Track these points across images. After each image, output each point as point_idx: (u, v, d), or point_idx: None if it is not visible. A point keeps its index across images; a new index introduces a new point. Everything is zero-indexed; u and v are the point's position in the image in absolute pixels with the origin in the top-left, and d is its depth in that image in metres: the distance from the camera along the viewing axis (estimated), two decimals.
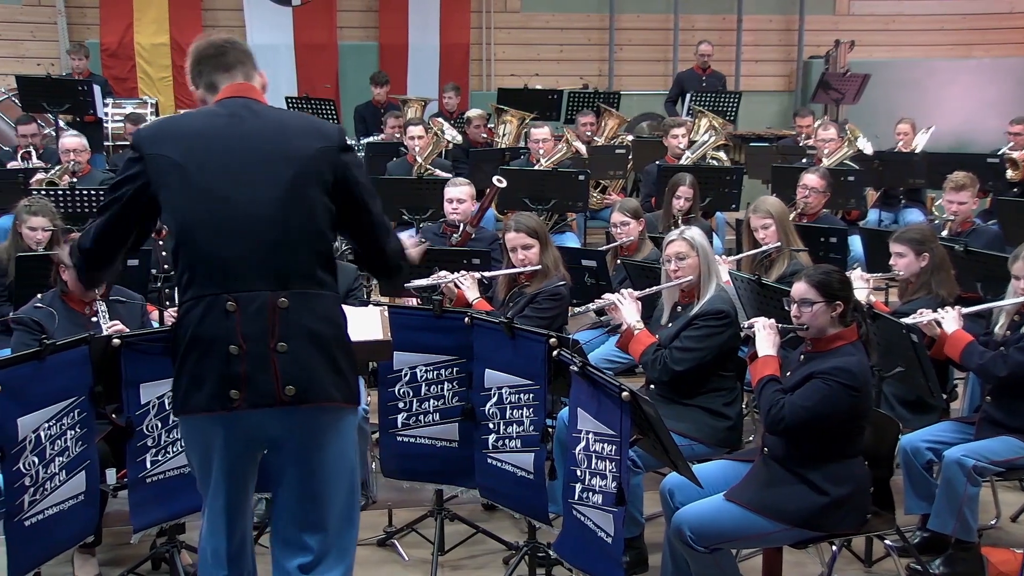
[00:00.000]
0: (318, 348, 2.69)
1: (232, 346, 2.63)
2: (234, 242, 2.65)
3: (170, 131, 2.74)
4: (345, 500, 2.85)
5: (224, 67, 2.79)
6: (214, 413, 2.66)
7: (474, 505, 4.50)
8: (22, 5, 11.34)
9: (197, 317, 2.66)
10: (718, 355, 4.12)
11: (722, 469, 3.78)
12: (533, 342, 3.63)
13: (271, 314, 2.64)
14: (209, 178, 2.65)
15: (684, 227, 4.49)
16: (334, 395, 2.72)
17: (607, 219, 6.95)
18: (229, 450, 2.73)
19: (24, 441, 3.31)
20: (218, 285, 2.65)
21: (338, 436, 2.79)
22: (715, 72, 11.14)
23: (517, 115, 9.57)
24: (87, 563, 3.98)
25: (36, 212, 5.46)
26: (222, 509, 2.81)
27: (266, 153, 2.69)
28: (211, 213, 2.65)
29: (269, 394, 2.64)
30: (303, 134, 2.74)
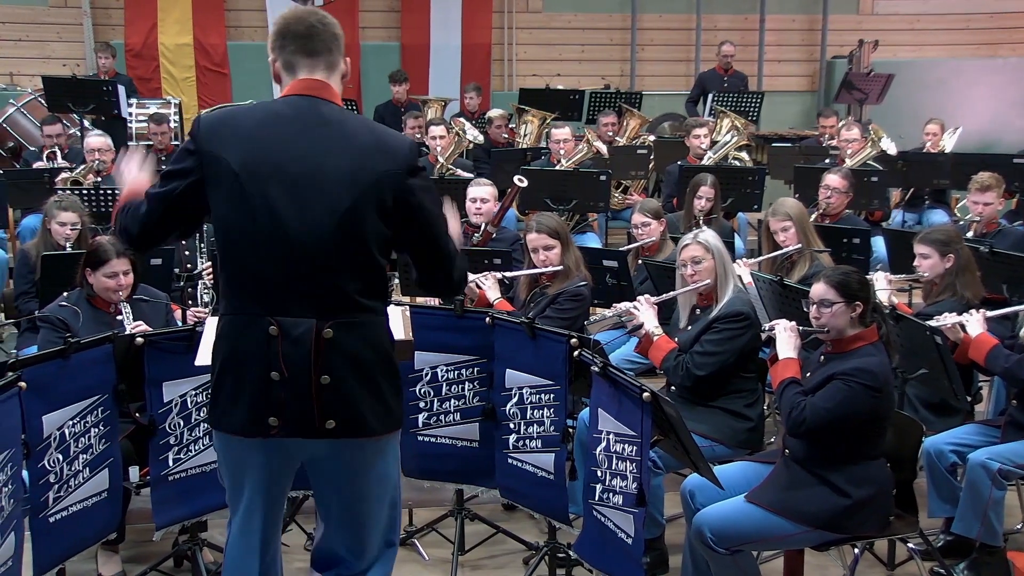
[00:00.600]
0: (361, 379, 2.58)
1: (274, 372, 2.52)
2: (281, 263, 2.52)
3: (232, 128, 2.56)
4: (388, 517, 2.80)
5: (308, 51, 2.60)
6: (251, 438, 2.59)
7: (494, 505, 4.50)
8: (48, 7, 11.44)
9: (238, 334, 2.57)
10: (739, 357, 4.11)
11: (743, 470, 3.77)
12: (554, 342, 3.63)
13: (315, 344, 2.52)
14: (263, 191, 2.50)
15: (697, 230, 4.47)
16: (376, 428, 2.62)
17: (628, 219, 6.93)
18: (266, 474, 2.66)
19: (49, 438, 3.34)
20: (260, 305, 2.54)
21: (380, 461, 2.71)
22: (737, 72, 11.11)
23: (539, 115, 9.56)
24: (110, 560, 4.01)
25: (66, 208, 5.53)
26: (258, 529, 2.73)
27: (326, 173, 2.51)
28: (260, 228, 2.51)
29: (309, 425, 2.56)
30: (369, 154, 2.55)
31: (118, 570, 4.02)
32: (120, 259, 4.26)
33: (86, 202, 6.34)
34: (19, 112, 9.39)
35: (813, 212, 6.17)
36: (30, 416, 3.24)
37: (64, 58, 11.35)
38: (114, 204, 6.61)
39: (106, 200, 6.69)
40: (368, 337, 2.60)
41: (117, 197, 6.69)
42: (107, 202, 6.69)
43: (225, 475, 2.74)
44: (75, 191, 6.45)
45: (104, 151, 7.38)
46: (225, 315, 2.61)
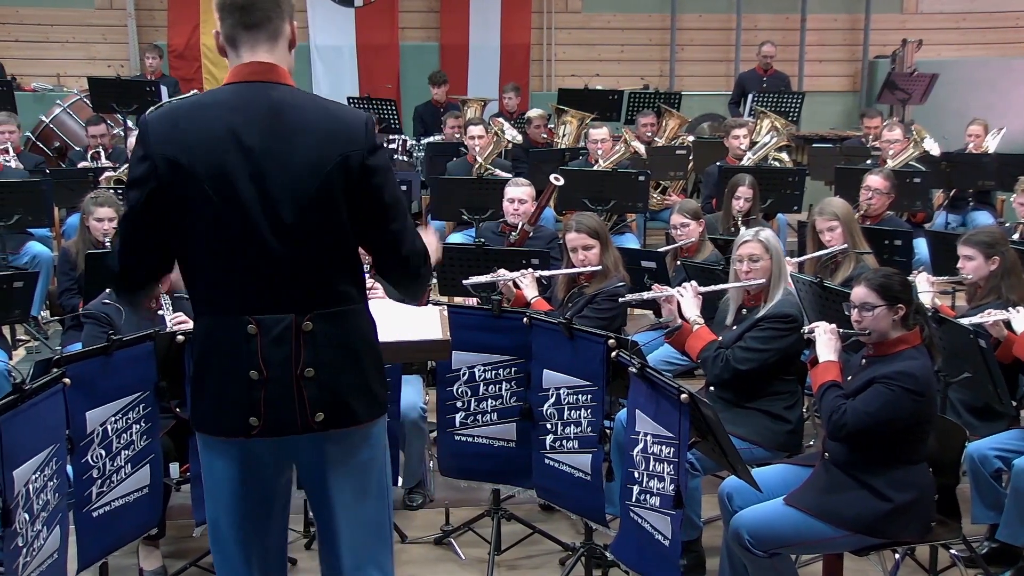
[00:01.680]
0: (346, 368, 2.54)
1: (252, 371, 2.47)
2: (255, 262, 2.45)
3: (182, 127, 2.44)
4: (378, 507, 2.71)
5: (247, 24, 2.49)
6: (233, 439, 2.53)
7: (531, 505, 4.49)
8: (94, 9, 11.61)
9: (216, 338, 2.51)
10: (781, 359, 4.07)
11: (782, 473, 3.73)
12: (592, 343, 3.62)
13: (295, 339, 2.48)
14: (227, 189, 2.41)
15: (759, 228, 4.42)
16: (362, 416, 2.58)
17: (667, 220, 6.90)
18: (247, 476, 2.57)
19: (92, 434, 3.38)
20: (238, 306, 2.47)
21: (367, 448, 2.65)
22: (777, 72, 11.02)
23: (577, 115, 9.55)
24: (151, 555, 4.05)
25: (102, 203, 5.61)
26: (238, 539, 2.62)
27: (286, 162, 2.43)
28: (229, 229, 2.43)
29: (291, 422, 2.50)
30: (328, 138, 2.46)
31: (159, 565, 4.05)
32: None
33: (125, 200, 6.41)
34: (65, 112, 9.55)
35: (854, 213, 6.10)
36: (74, 412, 3.29)
37: (109, 59, 11.51)
38: None
39: None
40: (349, 326, 2.56)
41: None
42: None
43: (206, 479, 2.64)
44: (117, 190, 6.53)
45: None
46: (201, 316, 2.56)
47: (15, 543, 2.88)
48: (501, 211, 6.29)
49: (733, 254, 4.32)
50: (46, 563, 3.11)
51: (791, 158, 9.18)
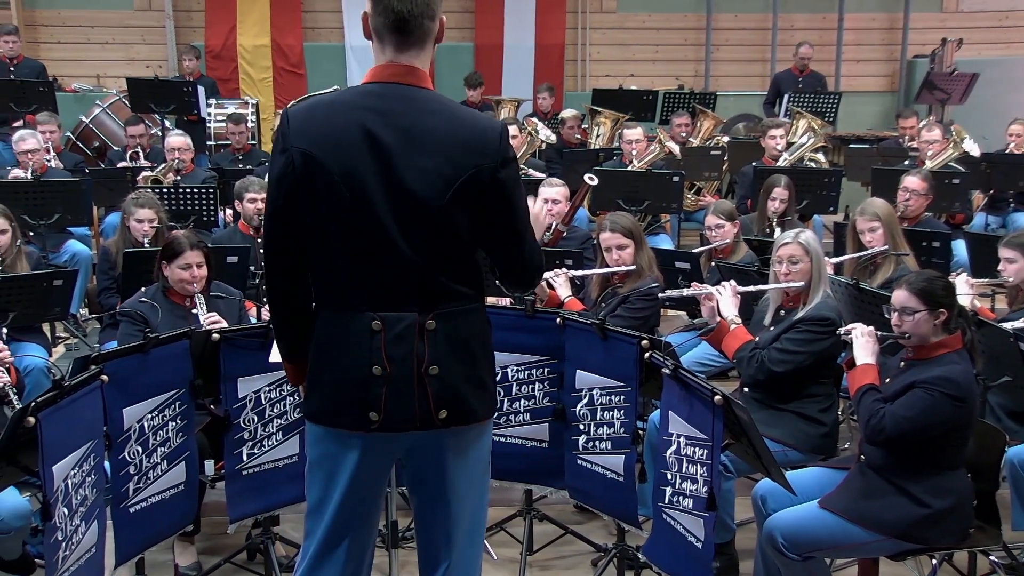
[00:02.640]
0: (466, 366, 2.59)
1: (376, 367, 2.52)
2: (380, 259, 2.50)
3: (320, 124, 2.49)
4: (479, 508, 2.78)
5: (400, 30, 2.49)
6: (354, 432, 2.57)
7: (563, 506, 4.48)
8: (133, 10, 11.75)
9: (339, 332, 2.56)
10: (817, 361, 4.03)
11: (816, 476, 3.70)
12: (625, 343, 3.61)
13: (419, 337, 2.53)
14: (357, 189, 2.46)
15: (800, 230, 4.38)
16: (481, 414, 2.64)
17: (701, 221, 6.88)
18: (360, 470, 2.61)
19: (129, 431, 3.42)
20: (362, 302, 2.53)
21: (478, 448, 2.70)
22: (813, 72, 10.92)
23: (611, 116, 9.53)
24: (186, 551, 4.09)
25: (143, 205, 5.68)
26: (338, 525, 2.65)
27: (419, 167, 2.46)
28: (358, 227, 2.49)
29: (411, 417, 2.54)
30: (458, 150, 2.48)
31: (193, 561, 4.09)
32: (194, 251, 4.35)
33: (165, 200, 6.48)
34: (104, 113, 9.67)
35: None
36: (111, 408, 3.33)
37: (147, 60, 11.64)
38: (192, 202, 6.83)
39: (184, 198, 6.84)
40: (469, 325, 2.60)
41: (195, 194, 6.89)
42: (185, 200, 6.84)
43: (314, 470, 2.67)
44: (155, 189, 6.60)
45: (184, 150, 7.56)
46: (323, 309, 2.60)
47: (55, 537, 2.92)
48: None
49: (772, 255, 4.29)
50: (84, 557, 3.15)
51: (827, 159, 9.10)
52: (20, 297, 5.11)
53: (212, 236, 6.52)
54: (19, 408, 2.89)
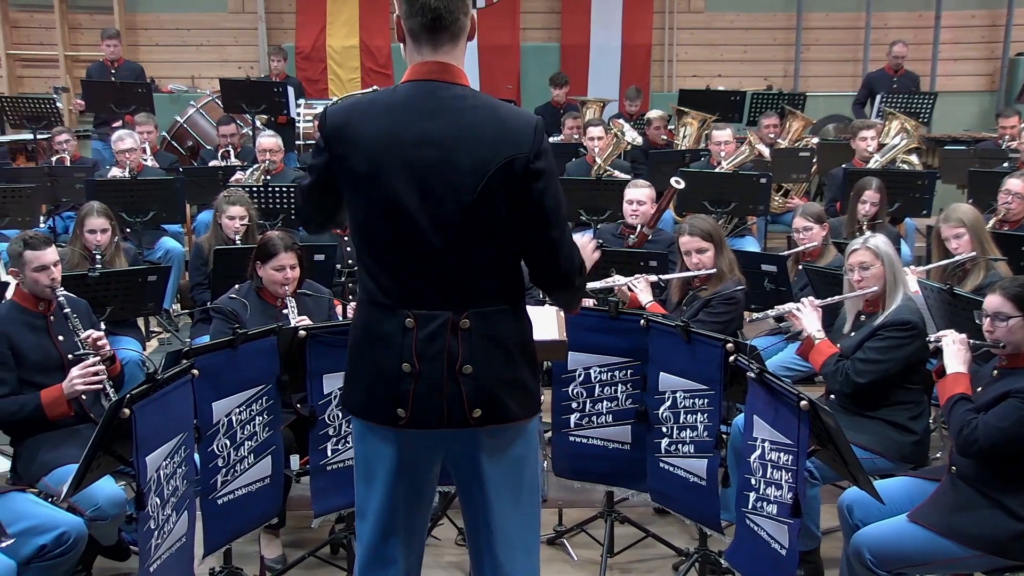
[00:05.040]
0: (502, 366, 2.57)
1: (405, 364, 2.53)
2: (415, 257, 2.51)
3: (353, 123, 2.53)
4: (529, 503, 2.73)
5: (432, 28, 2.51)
6: (384, 426, 2.60)
7: (644, 508, 4.46)
8: (227, 12, 12.03)
9: (374, 328, 2.58)
10: (904, 367, 3.94)
11: (906, 486, 3.61)
12: (710, 346, 3.57)
13: (452, 335, 2.52)
14: (390, 187, 2.48)
15: (868, 235, 4.31)
16: (518, 413, 2.60)
17: (788, 223, 6.77)
18: (397, 465, 2.63)
19: (218, 424, 3.50)
20: (397, 298, 2.54)
21: (520, 445, 2.67)
22: (908, 72, 10.64)
23: (698, 116, 9.44)
24: (272, 543, 4.17)
25: (234, 202, 5.83)
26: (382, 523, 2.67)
27: (452, 164, 2.46)
28: (391, 224, 2.51)
29: (440, 416, 2.55)
30: (493, 140, 2.47)
31: (279, 553, 4.17)
32: (288, 253, 4.41)
33: (255, 199, 6.62)
34: (198, 113, 9.93)
35: (990, 218, 5.87)
36: (201, 402, 3.40)
37: (240, 61, 11.92)
38: (281, 201, 6.94)
39: (274, 197, 6.97)
40: (506, 325, 2.58)
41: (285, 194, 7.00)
42: (275, 200, 6.98)
43: (358, 468, 2.72)
44: (246, 188, 6.74)
45: (275, 151, 7.70)
46: (362, 304, 2.64)
47: (148, 525, 3.01)
48: (620, 213, 6.26)
49: (844, 264, 4.22)
50: (175, 546, 3.23)
51: (921, 161, 8.88)
52: (117, 292, 5.28)
53: (300, 234, 6.64)
54: (115, 400, 2.98)
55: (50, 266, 4.01)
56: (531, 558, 2.75)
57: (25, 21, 12.02)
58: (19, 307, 4.04)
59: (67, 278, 4.31)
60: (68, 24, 11.95)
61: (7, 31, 11.89)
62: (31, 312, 4.03)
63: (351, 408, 2.67)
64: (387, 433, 2.60)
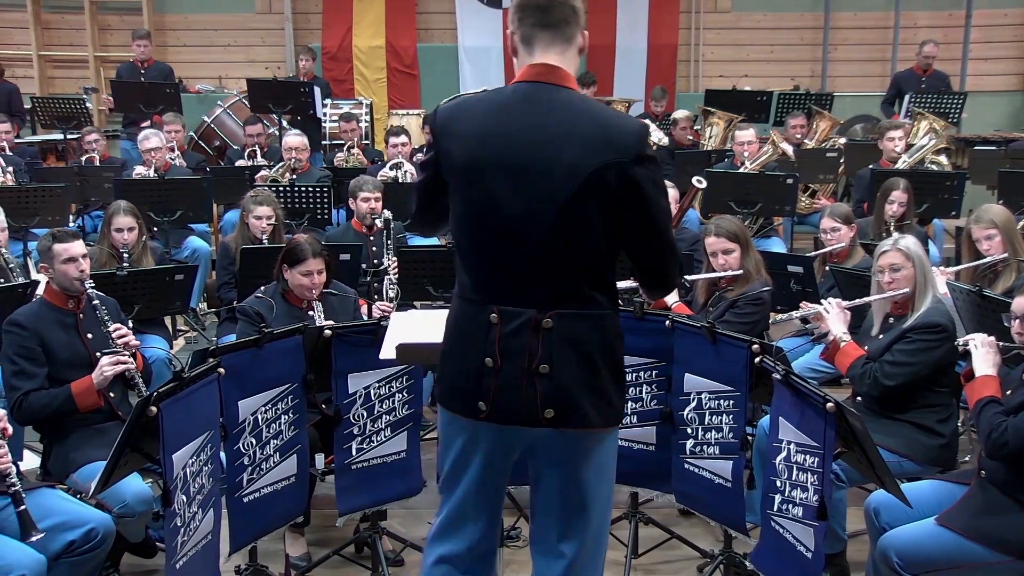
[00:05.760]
0: (582, 370, 2.56)
1: (488, 359, 2.56)
2: (504, 254, 2.55)
3: (463, 122, 2.59)
4: (600, 513, 2.73)
5: (545, 24, 2.57)
6: (463, 418, 2.64)
7: (669, 510, 4.45)
8: (255, 13, 12.10)
9: (463, 317, 2.64)
10: (932, 370, 3.90)
11: (934, 490, 3.58)
12: (735, 348, 3.55)
13: (533, 334, 2.54)
14: (485, 183, 2.52)
15: (898, 236, 4.26)
16: (594, 421, 2.58)
17: (815, 224, 6.73)
18: (479, 458, 2.67)
19: (244, 423, 3.51)
20: (486, 293, 2.59)
21: (598, 454, 2.67)
22: (937, 72, 10.53)
23: (725, 117, 9.41)
24: (297, 541, 4.19)
25: (261, 202, 5.87)
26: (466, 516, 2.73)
27: (548, 163, 2.48)
28: (485, 219, 2.55)
29: (518, 412, 2.57)
30: (593, 143, 2.48)
31: (303, 552, 4.18)
32: (315, 259, 4.42)
33: (282, 198, 6.66)
34: (225, 113, 9.99)
35: (1021, 220, 5.80)
36: (227, 401, 3.42)
37: (267, 61, 11.99)
38: (307, 200, 6.98)
39: (301, 197, 7.01)
40: (590, 329, 2.58)
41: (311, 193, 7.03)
42: (302, 199, 7.01)
43: (444, 449, 2.76)
44: (272, 187, 6.78)
45: (300, 150, 7.74)
46: (457, 297, 2.69)
47: (174, 522, 3.03)
48: None
49: (873, 265, 4.18)
50: (201, 543, 3.25)
51: (950, 161, 8.79)
52: (144, 291, 5.32)
53: (325, 234, 6.67)
54: (141, 398, 3.00)
55: (79, 258, 4.07)
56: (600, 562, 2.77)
57: (56, 22, 12.15)
58: (49, 305, 4.08)
59: (95, 277, 4.35)
60: (98, 25, 12.07)
61: (39, 32, 12.02)
62: (61, 310, 4.07)
63: (440, 399, 2.74)
64: (468, 424, 2.65)
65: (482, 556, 2.78)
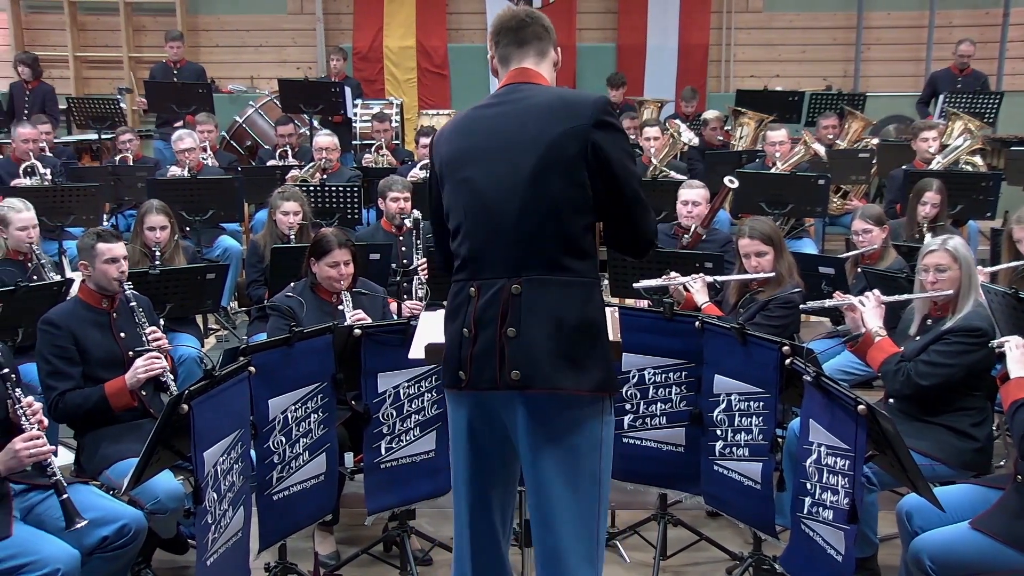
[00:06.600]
0: (551, 334, 2.62)
1: (465, 329, 2.70)
2: (482, 231, 2.71)
3: (451, 127, 2.85)
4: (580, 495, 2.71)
5: (518, 42, 2.79)
6: (454, 391, 2.78)
7: (698, 511, 4.43)
8: (286, 14, 12.17)
9: (451, 300, 2.79)
10: (968, 373, 3.85)
11: (967, 494, 3.54)
12: (765, 349, 3.53)
13: (504, 300, 2.66)
14: (466, 170, 2.73)
15: (946, 236, 4.19)
16: (562, 382, 2.62)
17: (847, 225, 6.68)
18: (468, 430, 2.78)
19: (273, 421, 3.54)
20: (470, 271, 2.74)
21: (576, 427, 2.68)
22: (974, 72, 10.39)
23: (756, 117, 9.36)
24: (326, 540, 4.21)
25: (288, 198, 5.91)
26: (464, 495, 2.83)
27: (509, 140, 2.68)
28: (467, 204, 2.73)
29: (491, 378, 2.67)
30: (552, 116, 2.65)
31: (332, 550, 4.20)
32: (342, 250, 4.47)
33: (312, 198, 6.69)
34: (257, 113, 10.06)
35: None
36: (257, 399, 3.45)
37: (298, 62, 12.07)
38: (337, 200, 7.01)
39: (330, 196, 7.04)
40: (561, 295, 2.66)
41: (341, 193, 7.07)
42: (332, 198, 7.04)
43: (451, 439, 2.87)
44: (302, 187, 6.81)
45: (331, 150, 7.77)
46: (452, 283, 2.83)
47: (205, 519, 3.05)
48: (675, 213, 6.22)
49: (918, 263, 4.12)
50: (231, 540, 3.27)
51: (986, 162, 8.69)
52: (176, 289, 5.37)
53: (355, 234, 6.69)
54: (173, 396, 3.02)
55: (120, 259, 4.12)
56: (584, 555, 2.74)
57: (92, 24, 12.29)
58: (84, 304, 4.12)
59: (129, 275, 4.39)
60: (132, 26, 12.19)
61: (75, 34, 12.17)
62: (95, 309, 4.11)
63: (441, 379, 2.88)
64: (457, 397, 2.79)
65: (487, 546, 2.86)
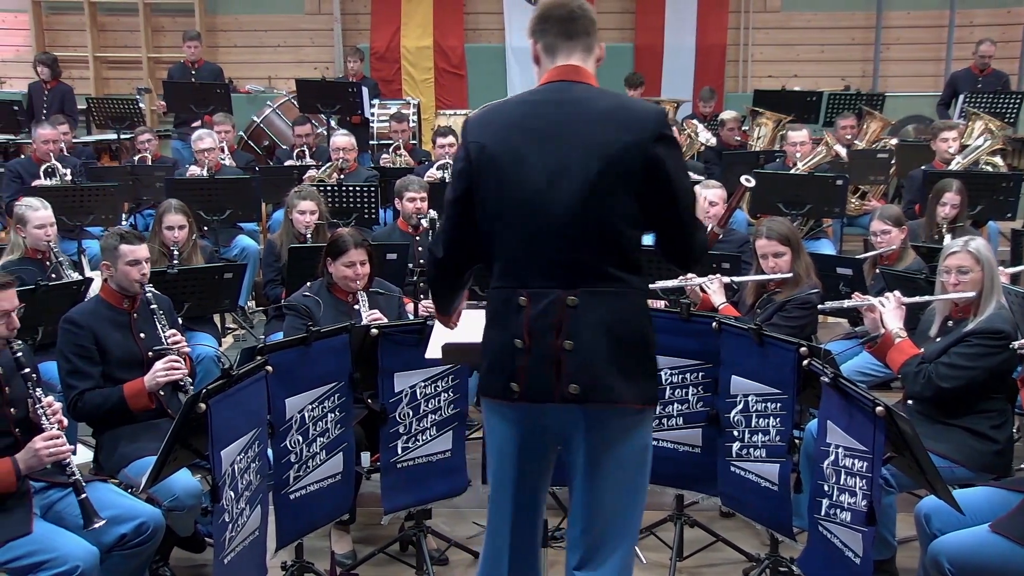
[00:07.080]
0: (608, 347, 2.62)
1: (517, 340, 2.64)
2: (533, 238, 2.64)
3: (492, 119, 2.74)
4: (627, 502, 2.76)
5: (567, 34, 2.72)
6: (502, 402, 2.71)
7: (714, 512, 4.41)
8: (304, 14, 12.21)
9: (496, 307, 2.72)
10: (989, 376, 3.82)
11: (987, 497, 3.51)
12: (783, 350, 3.52)
13: (559, 311, 2.61)
14: (515, 170, 2.64)
15: (968, 237, 4.16)
16: (621, 395, 2.63)
17: (865, 226, 6.65)
18: (516, 441, 2.73)
19: (291, 420, 3.55)
20: (516, 279, 2.67)
21: (627, 436, 2.69)
22: (995, 72, 10.29)
23: (773, 117, 9.32)
24: (342, 539, 4.22)
25: (304, 197, 5.95)
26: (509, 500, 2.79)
27: (567, 144, 2.61)
28: (515, 207, 2.65)
29: (547, 391, 2.63)
30: (615, 125, 2.61)
31: (349, 549, 4.21)
32: (358, 249, 4.48)
33: (329, 198, 6.71)
34: (274, 113, 10.10)
35: None
36: (275, 398, 3.46)
37: (315, 62, 12.09)
38: (354, 199, 7.02)
39: (348, 196, 7.06)
40: (616, 306, 2.64)
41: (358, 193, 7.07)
42: (349, 198, 7.06)
43: (490, 447, 2.83)
44: (319, 187, 6.84)
45: (348, 150, 7.79)
46: (492, 289, 2.75)
47: (222, 518, 3.06)
48: None
49: (940, 264, 4.09)
50: (248, 539, 3.29)
51: (1006, 162, 8.62)
52: (195, 289, 5.39)
53: (372, 233, 6.71)
54: (191, 395, 3.04)
55: (142, 261, 4.15)
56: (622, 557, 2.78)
57: (111, 24, 12.35)
58: (105, 304, 4.15)
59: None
60: (151, 27, 12.25)
61: (95, 34, 12.23)
62: (116, 309, 4.13)
63: (480, 389, 2.81)
64: (504, 409, 2.72)
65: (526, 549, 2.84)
